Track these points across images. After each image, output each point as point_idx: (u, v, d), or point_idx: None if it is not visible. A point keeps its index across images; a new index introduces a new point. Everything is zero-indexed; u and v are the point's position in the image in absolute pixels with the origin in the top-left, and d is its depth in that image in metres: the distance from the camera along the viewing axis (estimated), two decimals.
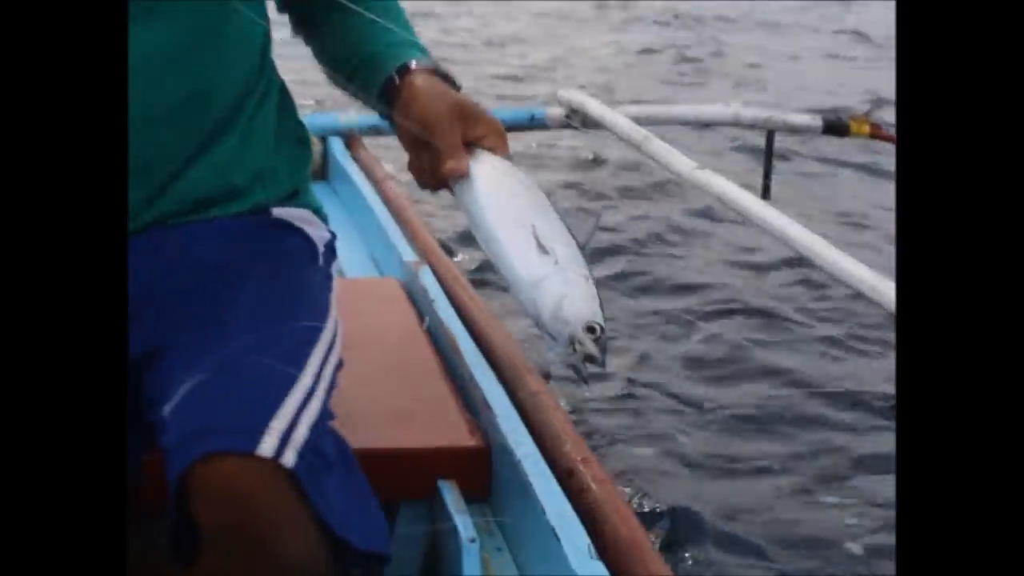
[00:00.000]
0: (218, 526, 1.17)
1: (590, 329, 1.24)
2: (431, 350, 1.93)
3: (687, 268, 4.95)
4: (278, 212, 1.55)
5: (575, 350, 1.25)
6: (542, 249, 1.29)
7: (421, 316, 2.09)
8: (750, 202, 2.40)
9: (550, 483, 1.48)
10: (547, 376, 1.60)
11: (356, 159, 3.21)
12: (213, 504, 1.17)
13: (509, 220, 1.35)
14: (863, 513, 3.10)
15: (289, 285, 1.47)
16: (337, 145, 3.31)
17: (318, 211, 1.64)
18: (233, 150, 1.48)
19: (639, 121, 3.11)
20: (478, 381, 1.75)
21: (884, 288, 1.91)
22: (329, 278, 1.56)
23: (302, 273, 1.51)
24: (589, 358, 1.26)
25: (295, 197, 1.59)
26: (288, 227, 1.55)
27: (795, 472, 3.33)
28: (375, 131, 3.38)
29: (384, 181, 2.96)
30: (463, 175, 1.40)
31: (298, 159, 1.62)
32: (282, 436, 1.19)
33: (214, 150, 1.46)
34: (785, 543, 2.96)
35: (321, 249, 1.58)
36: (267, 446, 1.18)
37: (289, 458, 1.19)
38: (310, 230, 1.58)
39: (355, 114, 3.42)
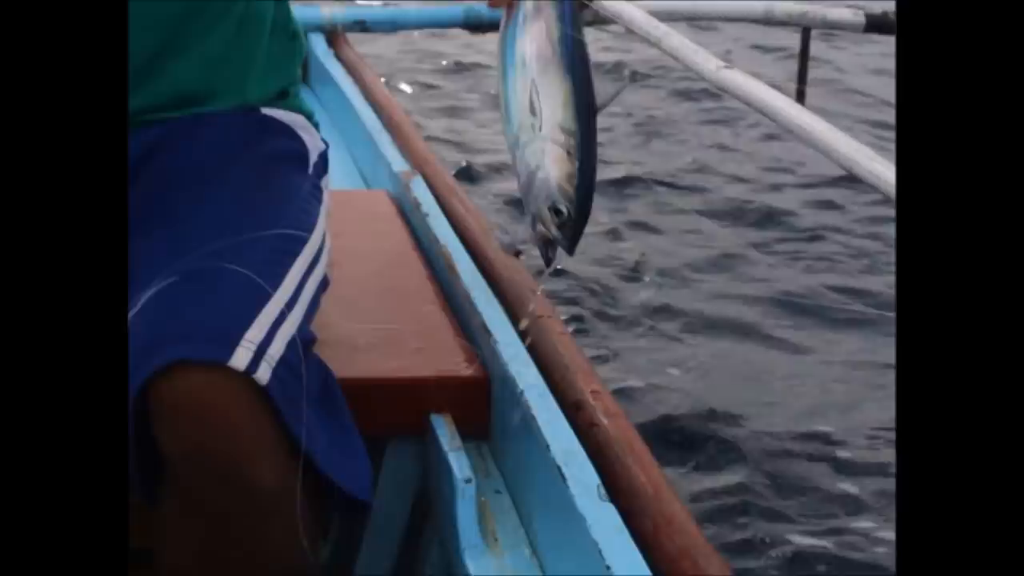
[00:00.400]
0: (183, 449, 1.14)
1: (555, 211, 1.23)
2: (425, 270, 1.91)
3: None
4: (268, 112, 1.53)
5: (535, 230, 1.26)
6: (533, 111, 1.26)
7: (414, 232, 2.07)
8: (784, 105, 2.35)
9: (556, 417, 1.45)
10: (517, 253, 1.59)
11: (340, 59, 3.17)
12: (176, 423, 1.14)
13: (518, 70, 1.33)
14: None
15: (273, 189, 1.45)
16: (319, 43, 3.26)
17: (310, 117, 1.61)
18: (224, 42, 1.46)
19: (658, 16, 3.05)
20: (476, 304, 1.72)
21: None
22: (319, 189, 1.54)
23: (290, 179, 1.49)
24: (548, 241, 1.26)
25: (286, 98, 1.57)
26: (279, 128, 1.53)
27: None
28: (361, 26, 3.36)
29: (372, 83, 2.92)
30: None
31: (290, 56, 1.59)
32: (256, 350, 1.16)
33: (206, 40, 1.44)
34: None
35: (314, 158, 1.56)
36: (239, 358, 1.15)
37: (263, 374, 1.16)
38: (303, 135, 1.56)
39: (340, 6, 3.39)
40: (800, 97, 3.68)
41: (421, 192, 2.13)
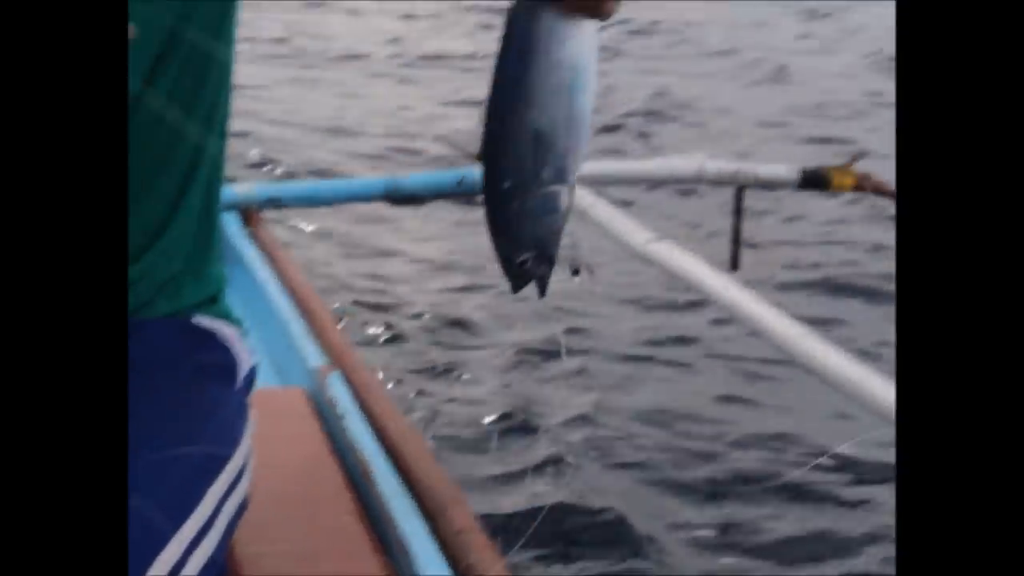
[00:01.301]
0: None
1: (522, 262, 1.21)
2: (341, 478, 1.89)
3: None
4: (198, 321, 1.54)
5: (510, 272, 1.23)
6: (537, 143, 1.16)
7: (331, 434, 2.05)
8: (715, 281, 2.40)
9: None
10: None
11: (255, 239, 3.18)
12: None
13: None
14: None
15: (197, 405, 1.45)
16: (232, 222, 3.26)
17: (240, 324, 1.62)
18: (160, 253, 1.48)
19: (582, 180, 3.11)
20: (395, 516, 1.70)
21: (877, 390, 1.91)
22: (245, 406, 1.54)
23: (216, 394, 1.49)
24: (517, 280, 1.23)
25: (215, 303, 1.57)
26: (208, 339, 1.54)
27: None
28: (277, 204, 3.38)
29: (287, 267, 2.93)
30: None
31: (218, 255, 1.61)
32: None
33: (143, 256, 1.46)
34: None
35: (243, 371, 1.56)
36: None
37: None
38: (233, 347, 1.56)
39: (254, 184, 3.42)
40: (734, 260, 3.75)
41: (338, 390, 2.13)
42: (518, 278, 1.20)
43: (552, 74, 1.10)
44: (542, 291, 1.20)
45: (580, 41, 1.10)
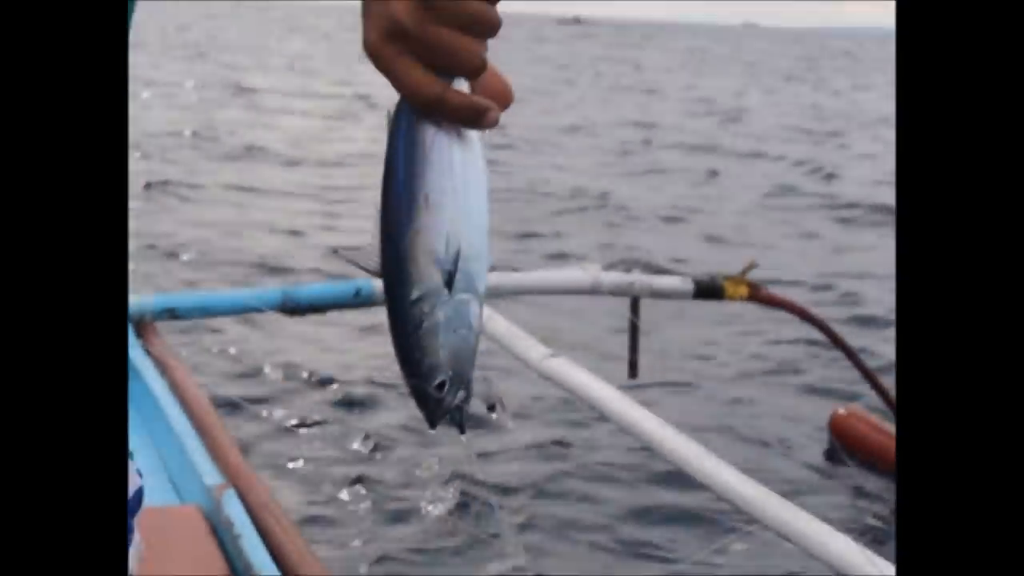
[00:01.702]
0: None
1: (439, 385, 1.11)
2: None
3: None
4: None
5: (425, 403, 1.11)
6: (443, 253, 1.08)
7: (227, 555, 2.08)
8: (611, 397, 2.48)
9: None
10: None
11: (149, 351, 3.18)
12: None
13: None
14: None
15: None
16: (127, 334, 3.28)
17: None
18: None
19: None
20: None
21: (786, 515, 1.98)
22: (131, 531, 1.55)
23: None
24: (433, 412, 1.12)
25: None
26: None
27: None
28: (172, 314, 3.38)
29: (183, 380, 2.94)
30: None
31: None
32: None
33: None
34: None
35: (129, 495, 1.56)
36: None
37: None
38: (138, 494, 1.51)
39: (148, 295, 3.43)
40: (632, 368, 3.85)
41: (234, 509, 2.15)
42: (435, 408, 1.09)
43: (444, 177, 1.05)
44: (461, 427, 1.09)
45: (468, 146, 1.06)
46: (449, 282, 1.05)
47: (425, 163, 1.04)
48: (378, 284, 3.65)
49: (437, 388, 1.08)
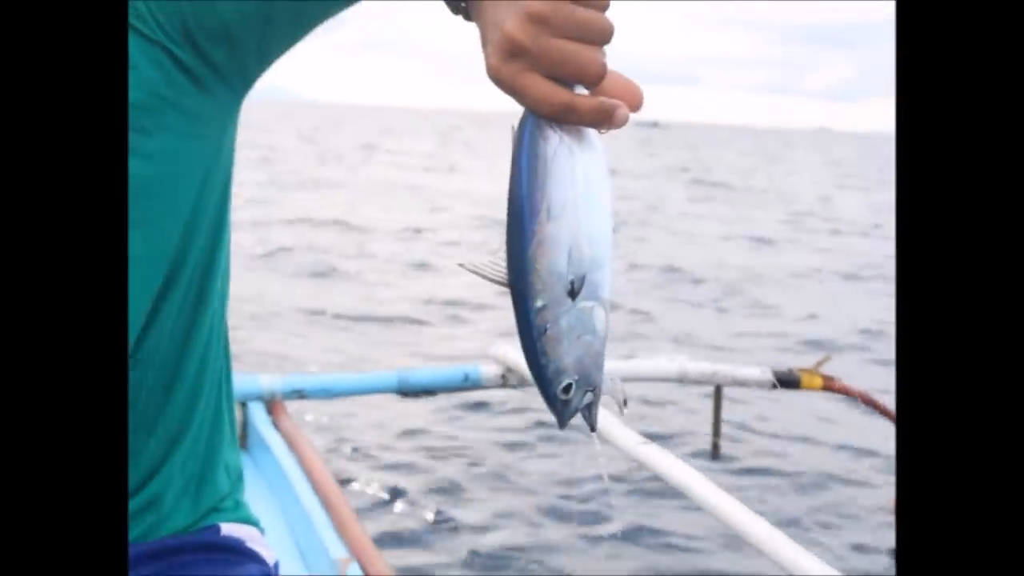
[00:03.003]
0: None
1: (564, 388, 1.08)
2: None
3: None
4: (227, 531, 1.54)
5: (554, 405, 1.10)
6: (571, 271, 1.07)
7: None
8: (697, 484, 2.48)
9: None
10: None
11: (278, 427, 3.25)
12: None
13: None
14: None
15: None
16: (258, 411, 3.35)
17: (256, 523, 1.62)
18: (177, 461, 1.48)
19: None
20: None
21: None
22: None
23: None
24: (562, 413, 1.09)
25: (239, 508, 1.58)
26: (239, 547, 1.54)
27: None
28: (299, 395, 3.45)
29: (309, 457, 3.00)
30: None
31: (236, 456, 1.60)
32: None
33: (162, 468, 1.46)
34: None
35: (270, 570, 1.57)
36: None
37: None
38: (261, 550, 1.57)
39: (277, 376, 3.49)
40: (715, 450, 3.85)
41: None
42: (562, 410, 1.07)
43: (565, 190, 1.02)
44: (592, 425, 1.06)
45: (591, 153, 1.03)
46: (572, 291, 1.03)
47: (547, 176, 1.01)
48: (485, 369, 3.71)
49: (564, 391, 1.05)
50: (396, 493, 5.11)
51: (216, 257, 1.46)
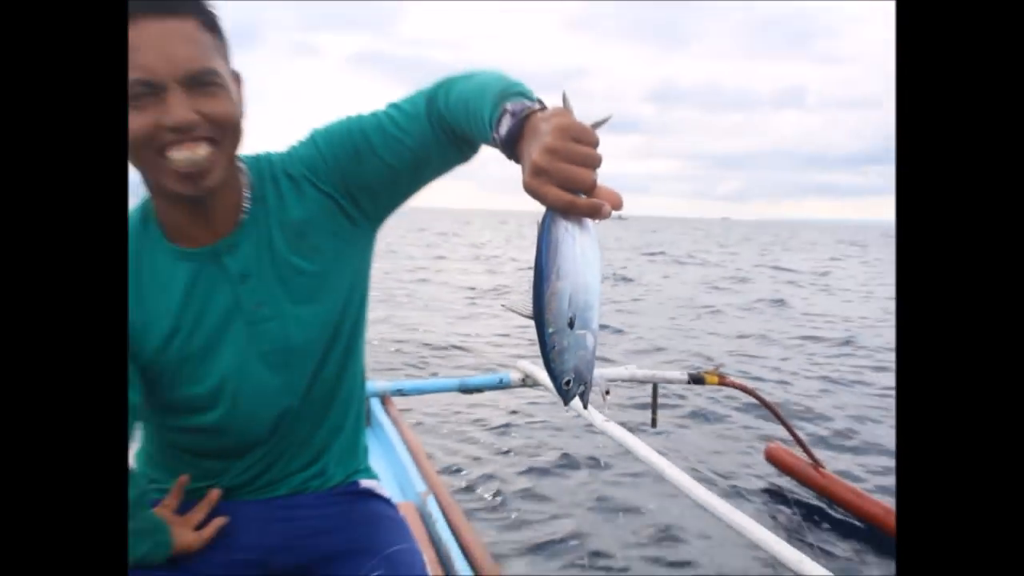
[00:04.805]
0: None
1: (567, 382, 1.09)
2: (434, 554, 1.95)
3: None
4: (364, 484, 1.47)
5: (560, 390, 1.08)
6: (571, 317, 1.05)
7: (429, 534, 2.12)
8: (638, 446, 2.53)
9: None
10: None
11: (388, 413, 3.28)
12: None
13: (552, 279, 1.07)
14: None
15: (393, 522, 1.44)
16: (376, 403, 3.39)
17: (376, 476, 1.56)
18: (338, 445, 1.42)
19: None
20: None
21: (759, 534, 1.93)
22: (402, 519, 1.51)
23: (393, 515, 1.48)
24: (565, 396, 1.08)
25: (366, 468, 1.55)
26: (372, 494, 1.51)
27: None
28: (400, 392, 3.51)
29: (407, 431, 3.02)
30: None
31: (365, 436, 1.57)
32: None
33: (329, 448, 1.40)
34: None
35: (401, 514, 1.53)
36: None
37: None
38: (384, 494, 1.53)
39: (386, 381, 3.55)
40: (654, 424, 3.87)
41: (433, 508, 2.21)
42: (566, 394, 1.07)
43: (572, 258, 1.01)
44: (584, 404, 1.07)
45: (586, 235, 1.01)
46: (572, 323, 1.02)
47: (558, 251, 1.00)
48: (513, 375, 3.76)
49: (566, 384, 1.05)
50: (460, 459, 5.04)
51: (361, 321, 1.44)
